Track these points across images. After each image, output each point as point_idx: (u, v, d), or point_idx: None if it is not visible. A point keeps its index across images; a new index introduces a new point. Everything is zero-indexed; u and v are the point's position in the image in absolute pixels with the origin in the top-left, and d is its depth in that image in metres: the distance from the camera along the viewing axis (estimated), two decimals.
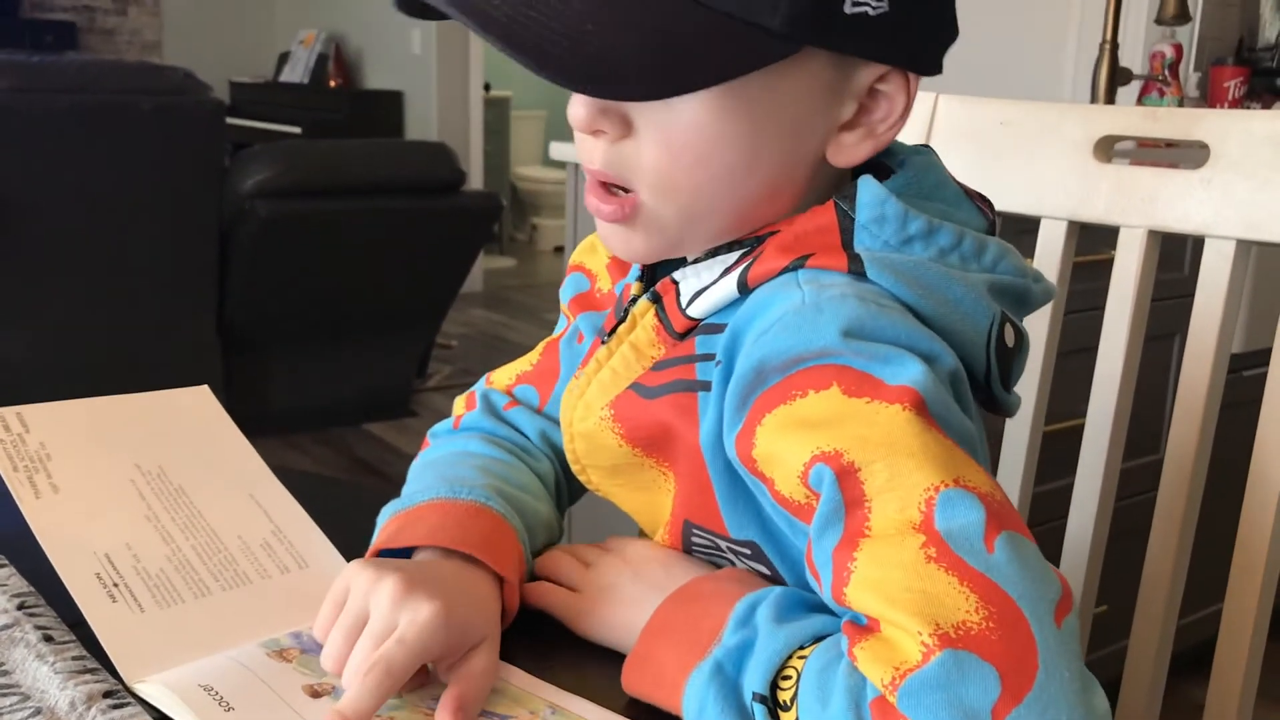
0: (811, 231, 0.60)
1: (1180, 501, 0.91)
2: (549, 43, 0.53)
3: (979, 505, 0.50)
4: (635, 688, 0.60)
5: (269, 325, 3.26)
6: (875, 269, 0.57)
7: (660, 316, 0.65)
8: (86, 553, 0.66)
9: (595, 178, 0.61)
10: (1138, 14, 2.63)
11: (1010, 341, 0.61)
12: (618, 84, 0.54)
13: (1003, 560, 0.48)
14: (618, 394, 0.66)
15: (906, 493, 0.50)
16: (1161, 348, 1.84)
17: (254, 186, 3.00)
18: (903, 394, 0.52)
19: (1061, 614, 0.48)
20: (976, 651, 0.46)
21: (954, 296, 0.58)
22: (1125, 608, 0.96)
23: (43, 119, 2.68)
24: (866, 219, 0.59)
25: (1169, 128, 0.90)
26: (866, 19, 0.56)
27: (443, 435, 0.80)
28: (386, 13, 5.71)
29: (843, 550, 0.51)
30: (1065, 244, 0.97)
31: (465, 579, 0.63)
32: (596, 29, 0.54)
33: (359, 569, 0.61)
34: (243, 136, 5.32)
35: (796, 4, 0.55)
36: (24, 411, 0.74)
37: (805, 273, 0.59)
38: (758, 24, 0.55)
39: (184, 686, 0.57)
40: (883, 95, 0.60)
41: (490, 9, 0.54)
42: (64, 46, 5.97)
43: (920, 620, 0.47)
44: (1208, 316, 0.89)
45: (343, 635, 0.59)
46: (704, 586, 0.62)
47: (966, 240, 0.60)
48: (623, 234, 0.63)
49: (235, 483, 0.76)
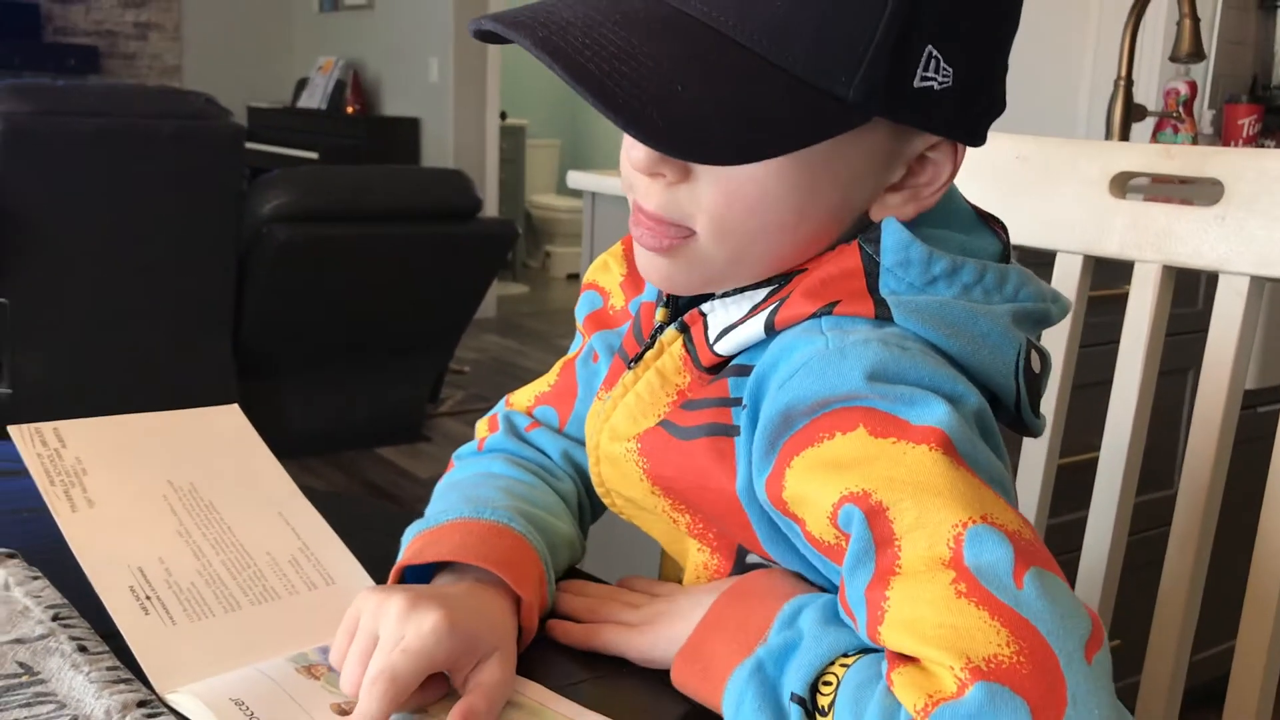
0: (837, 275, 0.61)
1: (1194, 536, 0.91)
2: (639, 101, 0.54)
3: (1006, 542, 0.50)
4: (684, 681, 0.61)
5: (284, 348, 3.28)
6: (901, 314, 0.59)
7: (688, 347, 0.66)
8: (120, 566, 0.67)
9: (648, 216, 0.62)
10: (1152, 51, 2.66)
11: (1036, 367, 0.63)
12: (703, 148, 0.55)
13: (1032, 596, 0.49)
14: (647, 428, 0.67)
15: (935, 530, 0.51)
16: (1176, 382, 1.85)
17: (272, 211, 3.02)
18: (929, 434, 0.53)
19: (1092, 650, 0.48)
20: (1008, 684, 0.46)
21: (981, 331, 0.60)
22: (1139, 642, 0.97)
23: (65, 142, 2.72)
24: (891, 263, 0.60)
25: (1183, 165, 0.92)
26: (932, 92, 0.58)
27: (467, 457, 0.81)
28: (404, 40, 5.78)
29: (875, 589, 0.52)
30: (1080, 279, 0.98)
31: (477, 595, 0.64)
32: (684, 90, 0.55)
33: (366, 595, 0.62)
34: (261, 161, 5.36)
35: (870, 76, 0.56)
36: (60, 427, 0.75)
37: (829, 319, 0.60)
38: (830, 91, 0.56)
39: (215, 699, 0.58)
40: (931, 161, 0.62)
41: (586, 61, 0.54)
42: (86, 70, 6.04)
43: (952, 654, 0.48)
44: (1221, 352, 0.90)
45: (357, 658, 0.60)
46: (758, 583, 0.63)
47: (989, 274, 0.62)
48: (665, 266, 0.64)
49: (264, 500, 0.77)
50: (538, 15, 0.57)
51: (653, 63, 0.55)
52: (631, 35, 0.56)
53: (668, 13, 0.57)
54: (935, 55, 0.57)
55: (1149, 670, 0.94)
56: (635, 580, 0.73)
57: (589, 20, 0.56)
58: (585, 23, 0.56)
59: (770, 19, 0.55)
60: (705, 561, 0.70)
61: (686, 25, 0.56)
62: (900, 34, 0.56)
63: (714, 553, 0.69)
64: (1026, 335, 0.62)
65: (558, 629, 0.69)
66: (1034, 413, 0.63)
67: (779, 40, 0.55)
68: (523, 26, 0.56)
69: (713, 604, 0.63)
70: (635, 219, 0.64)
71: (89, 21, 6.17)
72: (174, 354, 3.02)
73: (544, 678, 0.63)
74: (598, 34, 0.56)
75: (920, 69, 0.57)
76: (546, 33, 0.55)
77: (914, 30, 0.56)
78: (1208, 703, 1.16)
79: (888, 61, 0.56)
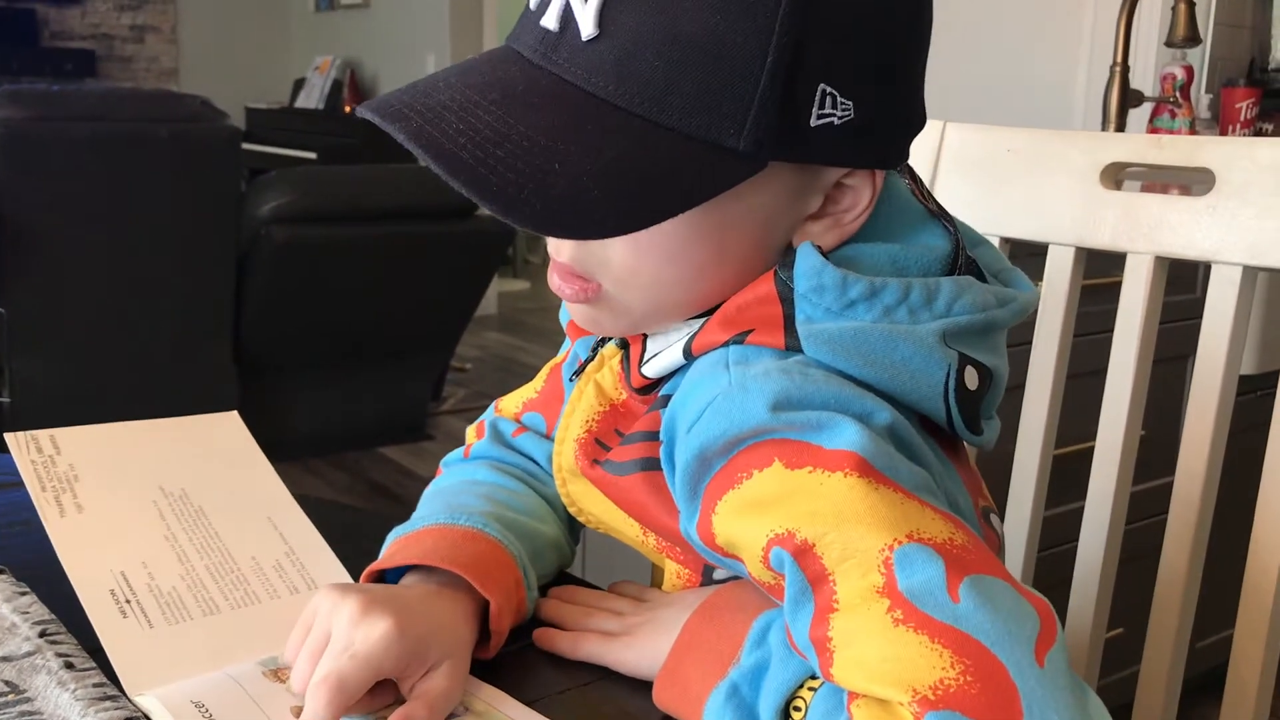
0: (752, 302, 0.59)
1: (1191, 524, 0.91)
2: (515, 187, 0.53)
3: (935, 557, 0.50)
4: (665, 702, 0.61)
5: (285, 349, 3.28)
6: (813, 345, 0.57)
7: (624, 364, 0.67)
8: (103, 570, 0.68)
9: (561, 269, 0.63)
10: (1148, 36, 2.64)
11: (973, 384, 0.60)
12: (585, 226, 0.54)
13: (970, 609, 0.48)
14: (581, 440, 0.67)
15: (863, 558, 0.51)
16: (1176, 369, 1.84)
17: (270, 212, 3.02)
18: (843, 460, 0.53)
19: (1043, 648, 0.48)
20: (958, 709, 0.46)
21: (901, 357, 0.58)
22: (1137, 631, 0.96)
23: (62, 147, 2.71)
24: (805, 288, 0.58)
25: (1174, 155, 0.91)
26: (831, 128, 0.56)
27: (454, 464, 0.81)
28: (401, 39, 5.77)
29: (817, 629, 0.52)
30: (1073, 270, 0.97)
31: (434, 601, 0.64)
32: (563, 167, 0.53)
33: (325, 594, 0.62)
34: (259, 162, 5.36)
35: (760, 125, 0.54)
36: (57, 434, 0.77)
37: (735, 351, 0.59)
38: (720, 144, 0.55)
39: (176, 702, 0.59)
40: (849, 188, 0.60)
41: (459, 150, 0.54)
42: (83, 74, 6.05)
43: (899, 689, 0.47)
44: (1215, 341, 0.89)
45: (307, 656, 0.60)
46: (728, 596, 0.63)
47: (914, 292, 0.59)
48: (589, 312, 0.64)
49: (255, 506, 0.77)
50: (415, 101, 0.56)
51: (528, 142, 0.54)
52: (508, 114, 0.55)
53: (549, 83, 0.56)
54: (830, 92, 0.55)
55: (1148, 659, 0.94)
56: (625, 585, 0.73)
57: (465, 102, 0.55)
58: (461, 105, 0.55)
59: (650, 80, 0.54)
60: (679, 571, 0.70)
61: (566, 94, 0.55)
62: (786, 80, 0.54)
63: (684, 565, 0.69)
64: (962, 350, 0.60)
65: (543, 637, 0.69)
66: (974, 430, 0.62)
67: (659, 100, 0.54)
68: (399, 116, 0.55)
69: (685, 623, 0.62)
70: (551, 268, 0.63)
71: (85, 25, 6.17)
72: (174, 357, 3.03)
73: (528, 686, 0.64)
74: (473, 117, 0.55)
75: (815, 108, 0.55)
76: (421, 121, 0.54)
77: (799, 73, 0.54)
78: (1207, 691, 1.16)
79: (776, 108, 0.54)
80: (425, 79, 0.59)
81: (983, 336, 0.62)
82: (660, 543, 0.69)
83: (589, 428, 0.67)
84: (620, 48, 0.54)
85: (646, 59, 0.54)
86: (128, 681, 0.61)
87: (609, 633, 0.68)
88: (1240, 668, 0.87)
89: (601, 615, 0.70)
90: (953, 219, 0.65)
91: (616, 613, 0.70)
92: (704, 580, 0.68)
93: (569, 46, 0.56)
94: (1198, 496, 0.91)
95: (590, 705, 0.64)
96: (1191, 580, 0.92)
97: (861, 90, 0.56)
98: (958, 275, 0.62)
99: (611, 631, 0.68)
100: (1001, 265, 0.68)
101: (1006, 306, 0.63)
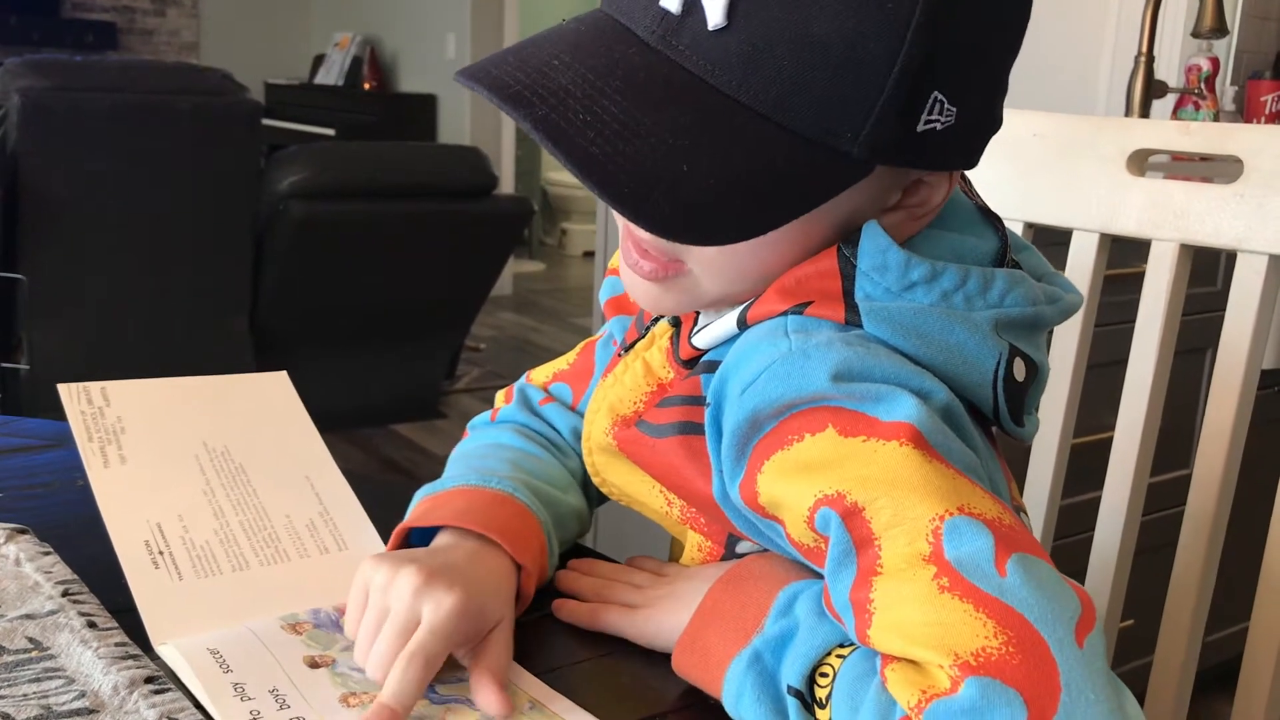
0: (813, 275, 0.59)
1: (1208, 517, 0.91)
2: (645, 188, 0.52)
3: (986, 531, 0.50)
4: (685, 670, 0.61)
5: (301, 325, 3.29)
6: (872, 321, 0.58)
7: (674, 340, 0.66)
8: (140, 521, 0.69)
9: (643, 245, 0.61)
10: (1174, 27, 2.62)
11: (1021, 375, 0.61)
12: (714, 233, 0.54)
13: (1016, 583, 0.48)
14: (624, 417, 0.67)
15: (913, 525, 0.51)
16: (1193, 362, 1.83)
17: (289, 188, 3.02)
18: (898, 430, 0.53)
19: (1083, 632, 0.48)
20: (999, 677, 0.46)
21: (956, 341, 0.58)
22: (1151, 622, 0.96)
23: (82, 118, 2.72)
24: (868, 266, 0.58)
25: (1201, 142, 0.91)
26: (934, 133, 0.56)
27: (480, 427, 0.82)
28: (421, 16, 5.76)
29: (859, 591, 0.52)
30: (1097, 257, 0.97)
31: (482, 564, 0.64)
32: (691, 169, 0.53)
33: (375, 565, 0.62)
34: (277, 138, 5.37)
35: (876, 132, 0.54)
36: (108, 387, 0.78)
37: (795, 320, 0.59)
38: (835, 148, 0.55)
39: (192, 650, 0.60)
40: (926, 184, 0.61)
41: (589, 144, 0.53)
42: (104, 46, 6.05)
43: (940, 652, 0.47)
44: (1239, 332, 0.89)
45: (371, 630, 0.60)
46: (753, 567, 0.63)
47: (971, 280, 0.60)
48: (655, 291, 0.63)
49: (294, 465, 0.78)
50: (534, 82, 0.54)
51: (655, 139, 0.53)
52: (633, 106, 0.54)
53: (668, 71, 0.55)
54: (940, 99, 0.56)
55: (1161, 651, 0.94)
56: (643, 560, 0.74)
57: (589, 88, 0.54)
58: (585, 93, 0.54)
59: (776, 78, 0.53)
60: (700, 543, 0.70)
61: (689, 86, 0.54)
62: (910, 88, 0.54)
63: (707, 537, 0.69)
64: (1011, 342, 0.60)
65: (563, 608, 0.69)
66: (1016, 421, 0.62)
67: (783, 101, 0.54)
68: (521, 101, 0.54)
69: (708, 591, 0.62)
70: (626, 246, 0.63)
71: None
72: (191, 329, 3.04)
73: (548, 656, 0.64)
74: (598, 107, 0.54)
75: (925, 114, 0.55)
76: (546, 109, 0.53)
77: (922, 82, 0.54)
78: (1221, 684, 1.16)
79: (895, 116, 0.55)
80: (527, 45, 0.57)
81: (1030, 331, 0.62)
82: (685, 513, 0.69)
83: (636, 407, 0.67)
84: (748, 42, 0.53)
85: (775, 57, 0.53)
86: (152, 630, 0.61)
87: (629, 605, 0.68)
88: (1254, 661, 0.87)
89: (621, 588, 0.70)
90: (1001, 220, 0.66)
91: (636, 585, 0.70)
92: (726, 553, 0.68)
93: (691, 34, 0.54)
94: (1216, 489, 0.90)
95: (608, 675, 0.64)
96: (1207, 573, 0.92)
97: (968, 97, 0.57)
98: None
99: (631, 603, 0.68)
100: (1045, 270, 0.68)
101: (1055, 304, 0.64)
